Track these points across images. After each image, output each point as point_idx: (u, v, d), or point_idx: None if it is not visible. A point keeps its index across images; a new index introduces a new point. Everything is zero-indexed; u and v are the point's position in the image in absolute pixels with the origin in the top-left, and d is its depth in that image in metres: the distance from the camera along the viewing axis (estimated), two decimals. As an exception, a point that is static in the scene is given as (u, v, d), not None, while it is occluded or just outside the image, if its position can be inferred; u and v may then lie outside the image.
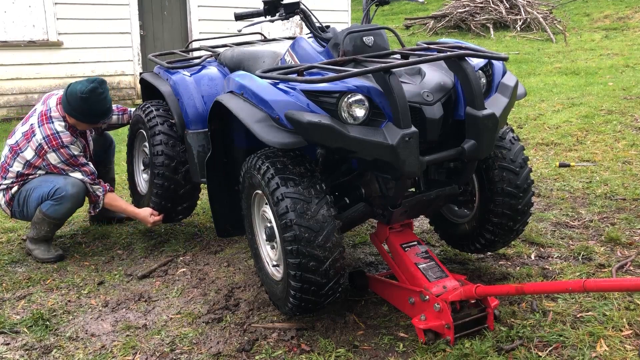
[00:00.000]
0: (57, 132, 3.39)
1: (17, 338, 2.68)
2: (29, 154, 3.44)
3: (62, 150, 3.39)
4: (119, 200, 3.66)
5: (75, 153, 3.44)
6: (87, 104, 3.37)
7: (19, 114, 8.79)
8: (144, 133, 3.65)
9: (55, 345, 2.61)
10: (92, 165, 3.55)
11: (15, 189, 3.51)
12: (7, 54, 8.61)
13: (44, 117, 3.44)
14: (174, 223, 3.94)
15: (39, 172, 3.49)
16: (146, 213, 3.54)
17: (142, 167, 3.87)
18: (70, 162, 3.43)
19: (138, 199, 3.91)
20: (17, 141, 3.49)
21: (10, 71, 8.68)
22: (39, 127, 3.41)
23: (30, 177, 3.50)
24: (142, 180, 3.91)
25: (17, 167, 3.48)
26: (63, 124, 3.43)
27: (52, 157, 3.40)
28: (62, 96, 3.45)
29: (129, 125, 3.94)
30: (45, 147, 3.38)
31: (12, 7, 8.56)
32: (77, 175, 3.47)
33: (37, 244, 3.53)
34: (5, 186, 3.52)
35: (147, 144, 3.68)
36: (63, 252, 3.60)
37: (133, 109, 3.89)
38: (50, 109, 3.47)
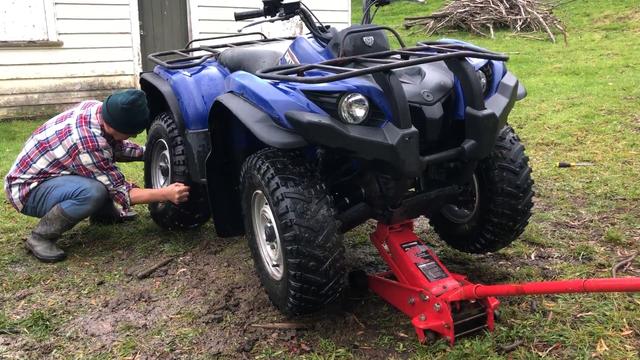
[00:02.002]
0: (95, 136, 3.50)
1: (17, 338, 2.68)
2: (59, 152, 3.51)
3: (96, 152, 3.48)
4: (142, 191, 3.71)
5: (107, 157, 3.54)
6: (128, 114, 3.51)
7: (19, 114, 8.79)
8: (164, 142, 3.75)
9: (55, 345, 2.61)
10: (119, 170, 3.66)
11: (34, 184, 3.55)
12: (7, 54, 8.60)
13: (83, 120, 3.54)
14: (192, 230, 3.95)
15: (63, 172, 3.56)
16: (171, 187, 3.57)
17: (162, 179, 3.94)
18: (101, 165, 3.52)
19: (155, 206, 3.95)
20: (47, 138, 3.54)
21: (10, 71, 8.68)
22: (76, 127, 3.50)
23: (52, 175, 3.55)
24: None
25: (41, 164, 3.53)
26: (100, 131, 3.54)
27: (85, 158, 3.48)
28: (102, 106, 3.58)
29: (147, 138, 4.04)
30: (80, 147, 3.46)
31: (12, 7, 8.56)
32: (103, 178, 3.55)
33: (41, 241, 3.55)
34: (23, 181, 3.56)
35: (166, 152, 3.78)
36: (64, 252, 3.60)
37: (144, 147, 4.06)
38: (90, 114, 3.58)
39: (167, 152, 3.76)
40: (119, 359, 2.49)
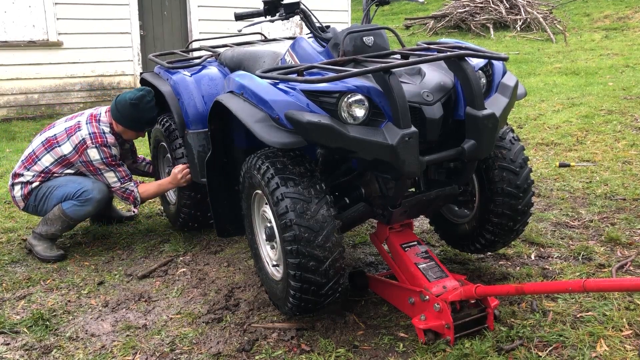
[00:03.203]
0: (104, 132, 3.53)
1: (17, 338, 2.68)
2: (66, 148, 3.52)
3: (104, 148, 3.50)
4: (149, 185, 3.71)
5: (115, 154, 3.56)
6: (137, 110, 3.53)
7: (19, 114, 8.79)
8: (165, 145, 3.77)
9: (55, 345, 2.61)
10: (126, 167, 3.67)
11: (36, 184, 3.56)
12: (7, 54, 8.60)
13: (93, 117, 3.59)
14: (202, 229, 3.94)
15: (67, 171, 3.57)
16: (173, 172, 3.58)
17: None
18: (109, 162, 3.53)
19: (167, 205, 3.98)
20: (55, 134, 3.56)
21: (10, 71, 8.68)
22: (86, 124, 3.54)
23: (55, 174, 3.56)
24: (171, 191, 3.96)
25: (46, 161, 3.54)
26: (109, 129, 3.58)
27: (93, 154, 3.49)
28: (111, 105, 3.61)
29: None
30: (89, 142, 3.48)
31: (12, 7, 8.56)
32: (110, 175, 3.56)
33: (41, 241, 3.55)
34: (25, 179, 3.57)
35: (169, 155, 3.79)
36: (64, 252, 3.60)
37: None
38: (100, 113, 3.63)
39: (169, 155, 3.78)
40: (119, 359, 2.49)
